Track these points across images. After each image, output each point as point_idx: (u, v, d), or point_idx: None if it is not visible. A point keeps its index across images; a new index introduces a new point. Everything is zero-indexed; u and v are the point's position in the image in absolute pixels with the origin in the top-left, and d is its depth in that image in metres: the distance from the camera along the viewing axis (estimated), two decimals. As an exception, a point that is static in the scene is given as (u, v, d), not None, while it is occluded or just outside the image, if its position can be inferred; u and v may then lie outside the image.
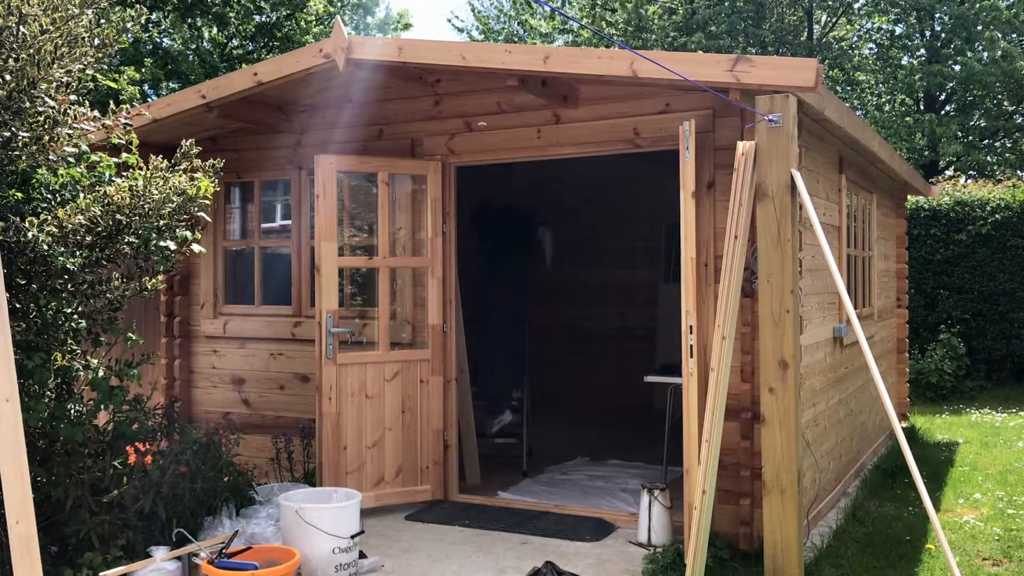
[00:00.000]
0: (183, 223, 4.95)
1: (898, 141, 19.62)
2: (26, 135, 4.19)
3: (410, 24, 22.99)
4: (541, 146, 6.03)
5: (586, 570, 4.97)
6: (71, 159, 4.59)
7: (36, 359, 4.39)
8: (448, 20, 38.85)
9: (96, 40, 4.32)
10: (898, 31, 20.80)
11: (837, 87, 21.00)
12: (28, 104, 4.14)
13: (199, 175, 4.87)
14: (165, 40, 16.81)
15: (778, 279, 4.51)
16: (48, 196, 4.56)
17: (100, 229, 4.43)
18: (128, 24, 4.42)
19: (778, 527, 4.50)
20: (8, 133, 4.15)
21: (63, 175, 4.62)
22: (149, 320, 7.67)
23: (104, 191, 4.51)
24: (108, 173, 4.83)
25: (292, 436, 6.57)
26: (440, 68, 5.79)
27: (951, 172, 19.33)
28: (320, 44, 5.75)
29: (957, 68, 18.63)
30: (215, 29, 17.15)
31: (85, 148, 4.60)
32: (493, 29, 25.69)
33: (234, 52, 17.19)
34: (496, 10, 26.03)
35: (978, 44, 18.74)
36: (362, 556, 5.05)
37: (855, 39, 21.71)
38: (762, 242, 4.56)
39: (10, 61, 4.03)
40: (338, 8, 18.58)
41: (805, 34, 20.71)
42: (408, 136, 6.48)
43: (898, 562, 5.15)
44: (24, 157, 4.25)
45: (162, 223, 4.67)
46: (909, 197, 11.36)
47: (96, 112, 4.53)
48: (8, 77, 4.04)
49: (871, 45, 21.74)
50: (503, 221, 9.99)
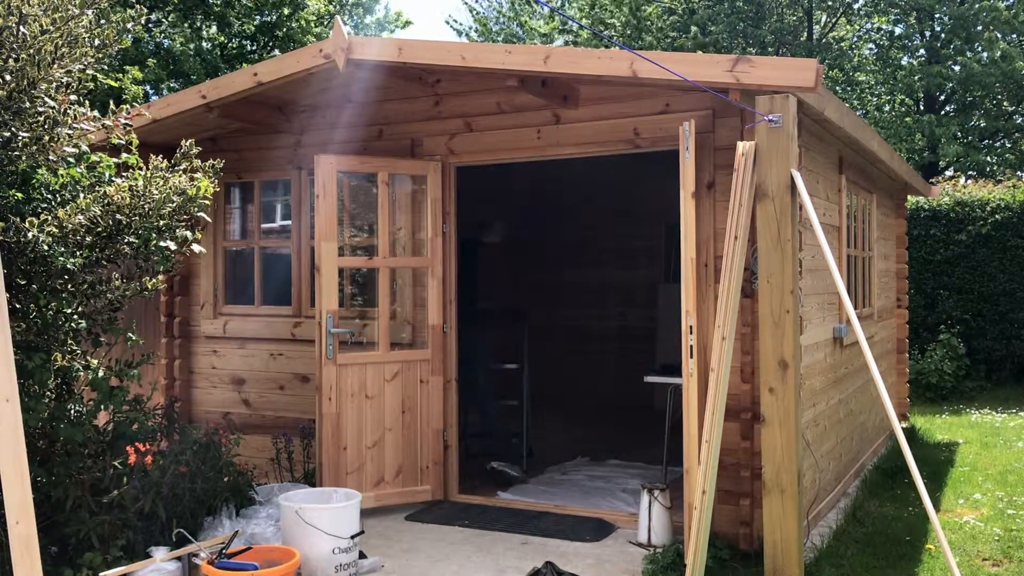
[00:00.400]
0: (183, 223, 4.95)
1: (898, 142, 19.61)
2: (26, 135, 4.19)
3: (410, 22, 22.99)
4: (541, 146, 6.03)
5: (586, 570, 4.97)
6: (71, 159, 4.59)
7: (36, 359, 4.39)
8: (446, 22, 38.84)
9: (96, 40, 4.32)
10: (898, 31, 20.79)
11: (837, 87, 21.00)
12: (28, 104, 4.14)
13: (199, 175, 4.87)
14: (166, 41, 16.80)
15: (778, 279, 4.51)
16: (48, 196, 4.56)
17: (100, 229, 4.43)
18: (128, 24, 4.42)
19: (778, 527, 4.50)
20: (8, 133, 4.15)
21: (63, 175, 4.62)
22: (149, 320, 7.67)
23: (104, 191, 4.51)
24: (108, 173, 4.83)
25: (292, 436, 6.57)
26: (440, 68, 5.79)
27: (951, 173, 19.32)
28: (320, 44, 5.76)
29: (957, 68, 18.62)
30: (215, 28, 17.14)
31: (85, 148, 4.60)
32: (492, 30, 25.65)
33: (234, 52, 17.18)
34: (495, 11, 25.99)
35: (978, 44, 18.74)
36: (362, 556, 5.05)
37: (855, 39, 21.71)
38: (762, 242, 4.56)
39: (10, 61, 4.03)
40: (338, 8, 18.58)
41: (805, 34, 20.71)
42: (408, 136, 6.49)
43: (898, 562, 5.15)
44: (24, 157, 4.24)
45: (162, 223, 4.67)
46: (909, 197, 11.36)
47: (96, 112, 4.53)
48: (8, 77, 4.04)
49: (871, 45, 21.74)
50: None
